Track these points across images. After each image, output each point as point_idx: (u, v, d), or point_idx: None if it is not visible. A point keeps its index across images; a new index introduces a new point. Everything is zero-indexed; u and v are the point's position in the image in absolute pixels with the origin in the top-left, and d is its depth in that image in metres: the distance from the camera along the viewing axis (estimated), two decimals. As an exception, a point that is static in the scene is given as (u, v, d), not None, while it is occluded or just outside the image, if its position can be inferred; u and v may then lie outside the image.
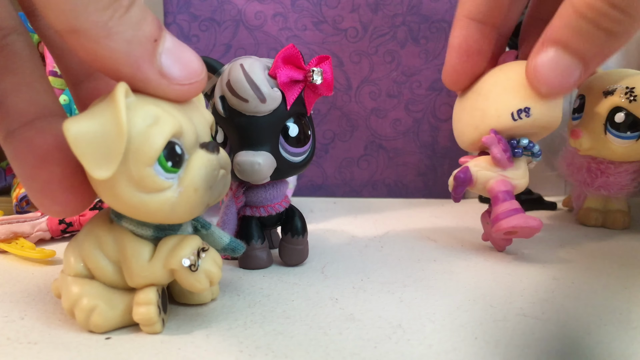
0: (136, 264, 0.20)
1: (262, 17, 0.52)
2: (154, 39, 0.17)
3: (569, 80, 0.27)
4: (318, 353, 0.19)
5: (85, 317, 0.20)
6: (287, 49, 0.26)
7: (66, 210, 0.19)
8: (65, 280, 0.21)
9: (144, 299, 0.20)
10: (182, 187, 0.18)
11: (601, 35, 0.25)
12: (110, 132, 0.17)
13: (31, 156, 0.19)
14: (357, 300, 0.24)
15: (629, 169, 0.40)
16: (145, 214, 0.18)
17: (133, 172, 0.17)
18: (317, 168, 0.56)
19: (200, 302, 0.23)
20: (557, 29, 0.26)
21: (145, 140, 0.17)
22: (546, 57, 0.27)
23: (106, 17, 0.16)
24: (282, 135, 0.27)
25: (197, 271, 0.20)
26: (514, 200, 0.31)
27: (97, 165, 0.17)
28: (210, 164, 0.19)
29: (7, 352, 0.19)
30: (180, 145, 0.18)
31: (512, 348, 0.19)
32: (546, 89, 0.28)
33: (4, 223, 0.32)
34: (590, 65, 0.26)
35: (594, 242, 0.37)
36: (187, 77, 0.18)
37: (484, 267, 0.30)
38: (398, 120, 0.55)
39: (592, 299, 0.25)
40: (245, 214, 0.29)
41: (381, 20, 0.53)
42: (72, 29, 0.16)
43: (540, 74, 0.27)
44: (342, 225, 0.41)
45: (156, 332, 0.20)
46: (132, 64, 0.17)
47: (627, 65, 0.52)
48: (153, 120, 0.18)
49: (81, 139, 0.16)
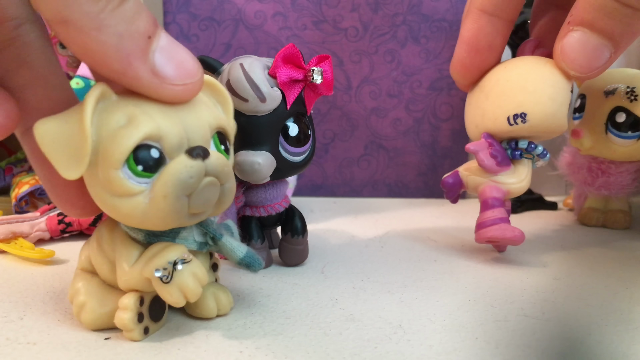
0: (120, 267, 0.19)
1: (262, 17, 0.52)
2: (148, 36, 0.17)
3: (599, 61, 0.26)
4: (318, 353, 0.19)
5: (77, 311, 0.20)
6: (287, 48, 0.26)
7: (85, 212, 0.20)
8: (75, 273, 0.21)
9: (123, 304, 0.19)
10: (152, 193, 0.18)
11: (628, 12, 0.24)
12: (75, 133, 0.17)
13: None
14: (357, 300, 0.24)
15: (630, 169, 0.40)
16: (120, 217, 0.18)
17: (102, 174, 0.17)
18: (317, 168, 0.55)
19: (206, 316, 0.22)
20: (582, 9, 0.25)
21: (112, 142, 0.17)
22: (573, 39, 0.26)
23: (98, 8, 0.16)
24: (282, 135, 0.27)
25: (170, 284, 0.19)
26: (501, 208, 0.30)
27: (64, 165, 0.17)
28: (188, 171, 0.18)
29: (6, 353, 0.18)
30: (159, 149, 0.18)
31: (512, 348, 0.19)
32: (576, 71, 0.27)
33: (3, 223, 0.32)
34: (620, 44, 0.26)
35: (594, 242, 0.37)
36: (181, 78, 0.17)
37: (485, 267, 0.30)
38: (398, 119, 0.55)
39: (593, 299, 0.25)
40: (245, 214, 0.29)
41: (381, 20, 0.53)
42: (62, 19, 0.15)
43: (567, 56, 0.27)
44: (342, 225, 0.41)
45: (134, 340, 0.20)
46: (123, 60, 0.16)
47: (628, 65, 0.52)
48: (126, 121, 0.17)
49: (47, 138, 0.17)
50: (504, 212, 0.30)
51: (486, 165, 0.30)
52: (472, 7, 0.30)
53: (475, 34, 0.30)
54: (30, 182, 0.40)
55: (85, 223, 0.35)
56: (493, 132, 0.31)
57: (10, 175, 0.44)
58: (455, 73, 0.32)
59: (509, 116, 0.29)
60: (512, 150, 0.31)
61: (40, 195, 0.41)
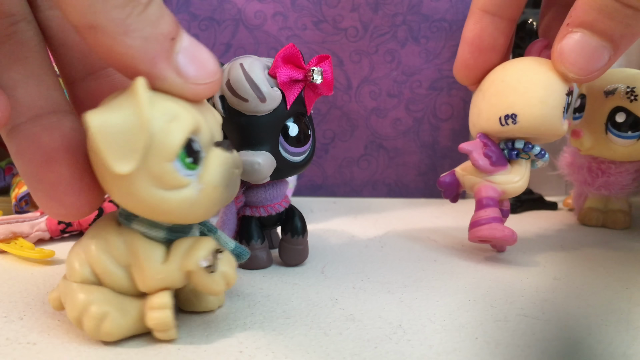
0: (150, 266, 0.19)
1: (261, 17, 0.52)
2: (172, 37, 0.17)
3: (599, 63, 0.26)
4: (318, 353, 0.19)
5: (95, 325, 0.19)
6: (287, 48, 0.26)
7: (73, 213, 0.19)
8: (69, 288, 0.19)
9: (158, 303, 0.19)
10: (201, 185, 0.18)
11: (629, 12, 0.24)
12: (132, 126, 0.16)
13: (37, 155, 0.18)
14: (357, 300, 0.24)
15: (630, 169, 0.40)
16: (164, 213, 0.18)
17: (154, 167, 0.17)
18: (317, 168, 0.55)
19: (206, 310, 0.22)
20: (581, 10, 0.25)
21: (166, 136, 0.17)
22: (572, 41, 0.26)
23: (124, 14, 0.16)
24: (282, 135, 0.27)
25: (214, 273, 0.19)
26: (495, 208, 0.30)
27: (118, 159, 0.16)
28: (227, 162, 0.19)
29: (6, 353, 0.18)
30: (197, 142, 0.18)
31: (512, 348, 0.19)
32: (575, 74, 0.26)
33: (3, 223, 0.32)
34: (620, 46, 0.25)
35: (594, 242, 0.37)
36: (203, 77, 0.18)
37: (485, 267, 0.30)
38: (398, 119, 0.55)
39: (593, 299, 0.25)
40: (245, 214, 0.29)
41: (381, 20, 0.53)
42: (90, 25, 0.16)
43: (566, 58, 0.26)
44: (342, 225, 0.41)
45: (171, 338, 0.19)
46: (149, 62, 0.17)
47: (628, 65, 0.52)
48: (172, 116, 0.17)
49: (104, 131, 0.16)
50: (498, 212, 0.30)
51: (480, 165, 0.30)
52: (474, 7, 0.30)
53: (478, 34, 0.30)
54: (30, 182, 0.40)
55: (85, 223, 0.35)
56: (487, 131, 0.31)
57: (10, 175, 0.44)
58: (459, 74, 0.32)
59: (501, 116, 0.29)
60: (509, 150, 0.30)
61: (40, 195, 0.41)
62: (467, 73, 0.31)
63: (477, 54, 0.30)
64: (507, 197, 0.32)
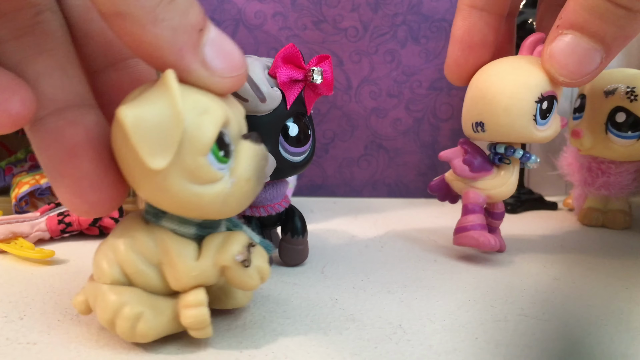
0: (183, 263, 0.18)
1: (261, 17, 0.52)
2: (200, 29, 0.17)
3: (590, 66, 0.25)
4: (318, 353, 0.19)
5: (130, 327, 0.18)
6: (286, 48, 0.26)
7: (96, 209, 0.18)
8: (99, 290, 0.19)
9: (193, 301, 0.18)
10: (234, 178, 0.18)
11: (621, 13, 0.23)
12: (166, 120, 0.16)
13: (60, 149, 0.17)
14: (357, 300, 0.24)
15: (630, 169, 0.40)
16: (197, 208, 0.17)
17: (187, 162, 0.17)
18: (317, 168, 0.55)
19: (236, 307, 0.22)
20: (572, 12, 0.24)
21: (198, 129, 0.17)
22: (563, 43, 0.25)
23: (154, 2, 0.16)
24: (282, 135, 0.27)
25: (249, 267, 0.19)
26: (479, 214, 0.30)
27: (153, 154, 0.16)
28: (258, 155, 0.19)
29: (6, 353, 0.18)
30: (228, 135, 0.18)
31: (512, 348, 0.19)
32: (565, 77, 0.26)
33: (3, 223, 0.32)
34: (613, 48, 0.24)
35: (594, 242, 0.37)
36: (229, 70, 0.18)
37: (484, 267, 0.30)
38: (398, 119, 0.55)
39: (593, 299, 0.25)
40: (245, 214, 0.29)
41: (381, 20, 0.53)
42: (119, 13, 0.15)
43: (557, 61, 0.25)
44: (342, 225, 0.41)
45: (207, 336, 0.19)
46: (176, 53, 0.16)
47: (627, 65, 0.52)
48: (203, 109, 0.17)
49: (139, 126, 0.15)
50: (482, 219, 0.30)
51: (459, 173, 0.30)
52: (462, 4, 0.30)
53: (468, 30, 0.29)
54: (30, 182, 0.40)
55: (85, 223, 0.35)
56: (467, 135, 0.31)
57: (10, 175, 0.44)
58: (451, 74, 0.31)
59: (472, 123, 0.29)
60: (493, 155, 0.30)
61: (40, 195, 0.41)
62: (459, 72, 0.31)
63: (467, 52, 0.30)
64: (493, 202, 0.31)
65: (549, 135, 0.29)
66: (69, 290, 0.25)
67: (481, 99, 0.28)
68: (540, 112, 0.28)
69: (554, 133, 0.29)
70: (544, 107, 0.28)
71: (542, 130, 0.28)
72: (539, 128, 0.28)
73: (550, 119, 0.28)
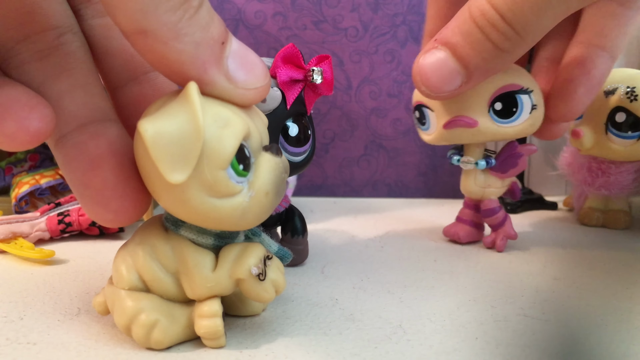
0: (200, 274, 0.19)
1: (261, 17, 0.52)
2: (222, 41, 0.17)
3: (450, 86, 0.26)
4: (318, 353, 0.19)
5: (145, 333, 0.18)
6: (287, 48, 0.26)
7: (119, 218, 0.18)
8: (118, 294, 0.19)
9: (208, 312, 0.19)
10: (253, 191, 0.18)
11: (489, 47, 0.24)
12: (187, 134, 0.16)
13: (84, 161, 0.18)
14: (357, 300, 0.24)
15: (630, 169, 0.40)
16: (215, 221, 0.17)
17: (207, 175, 0.16)
18: (317, 168, 0.55)
19: (251, 314, 0.22)
20: (450, 30, 0.25)
21: (219, 143, 0.16)
22: (434, 57, 0.26)
23: (176, 18, 0.16)
24: (282, 135, 0.27)
25: (264, 280, 0.19)
26: (464, 209, 0.36)
27: (173, 168, 0.16)
28: (277, 167, 0.19)
29: (6, 353, 0.18)
30: (247, 148, 0.18)
31: (512, 348, 0.19)
32: (426, 88, 0.27)
33: (3, 223, 0.32)
34: (472, 76, 0.26)
35: (594, 242, 0.37)
36: (252, 82, 0.18)
37: (484, 267, 0.30)
38: (398, 119, 0.55)
39: (593, 299, 0.25)
40: (245, 213, 0.29)
41: (381, 20, 0.53)
42: (141, 30, 0.15)
43: (423, 72, 0.26)
44: (342, 225, 0.41)
45: (221, 346, 0.19)
46: (199, 67, 0.16)
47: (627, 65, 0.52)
48: (224, 122, 0.17)
49: (159, 140, 0.15)
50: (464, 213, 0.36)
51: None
52: (425, 34, 0.32)
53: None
54: (30, 182, 0.40)
55: (85, 223, 0.35)
56: None
57: (10, 175, 0.44)
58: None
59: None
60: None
61: (40, 195, 0.41)
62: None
63: None
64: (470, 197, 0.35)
65: (431, 140, 0.33)
66: (69, 290, 0.25)
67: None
68: (416, 120, 0.34)
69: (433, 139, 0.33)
70: (417, 115, 0.33)
71: (427, 134, 0.33)
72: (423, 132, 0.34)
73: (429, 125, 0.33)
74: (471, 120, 0.30)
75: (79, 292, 0.25)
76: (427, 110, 0.32)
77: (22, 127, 0.16)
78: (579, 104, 0.30)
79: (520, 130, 0.30)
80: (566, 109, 0.30)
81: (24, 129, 0.16)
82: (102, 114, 0.19)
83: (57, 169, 0.42)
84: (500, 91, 0.29)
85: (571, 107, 0.30)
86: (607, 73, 0.29)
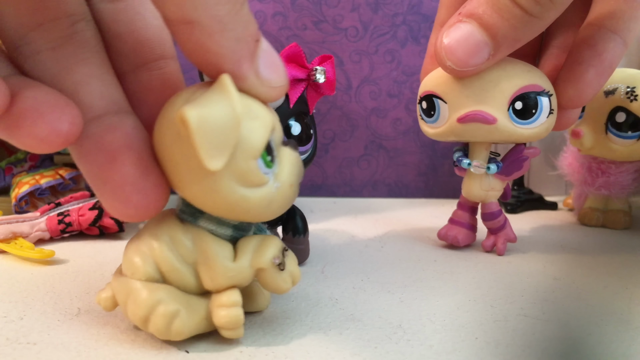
0: (221, 264, 0.19)
1: (262, 17, 0.52)
2: (256, 40, 0.17)
3: (477, 59, 0.25)
4: (318, 353, 0.19)
5: (166, 324, 0.18)
6: (290, 47, 0.26)
7: (140, 213, 0.18)
8: (131, 286, 0.18)
9: (227, 301, 0.19)
10: (278, 183, 0.18)
11: (518, 13, 0.23)
12: (227, 122, 0.16)
13: (100, 155, 0.18)
14: (357, 300, 0.24)
15: (630, 169, 0.40)
16: (243, 210, 0.18)
17: (240, 164, 0.17)
18: (317, 168, 0.55)
19: (257, 310, 0.22)
20: (475, 1, 0.25)
21: (252, 133, 0.17)
22: (459, 30, 0.25)
23: (224, 11, 0.16)
24: (285, 134, 0.27)
25: (284, 271, 0.19)
26: (458, 211, 0.35)
27: (212, 155, 0.16)
28: (298, 162, 0.20)
29: (6, 353, 0.18)
30: (273, 141, 0.18)
31: (512, 348, 0.19)
32: (452, 63, 0.26)
33: (3, 223, 0.32)
34: (500, 47, 0.25)
35: (594, 242, 0.37)
36: (277, 81, 0.18)
37: (484, 267, 0.30)
38: (398, 119, 0.55)
39: (593, 299, 0.25)
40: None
41: (381, 20, 0.53)
42: (188, 20, 0.16)
43: (447, 47, 0.26)
44: (342, 225, 0.41)
45: (239, 336, 0.19)
46: (235, 62, 0.17)
47: (627, 65, 0.52)
48: (255, 114, 0.17)
49: (203, 126, 0.16)
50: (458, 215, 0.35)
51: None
52: (435, 23, 0.31)
53: None
54: (30, 182, 0.40)
55: (85, 223, 0.35)
56: None
57: (10, 175, 0.44)
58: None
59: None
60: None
61: (40, 195, 0.41)
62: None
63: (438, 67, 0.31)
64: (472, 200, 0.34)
65: (437, 133, 0.31)
66: (69, 290, 0.25)
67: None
68: (422, 112, 0.31)
69: (439, 132, 0.31)
70: (424, 106, 0.31)
71: (432, 127, 0.31)
72: (429, 125, 0.31)
73: (438, 117, 0.30)
74: (490, 116, 0.27)
75: (79, 292, 0.25)
76: (438, 101, 0.29)
77: (54, 130, 0.16)
78: (589, 88, 0.27)
79: (536, 133, 0.29)
80: (575, 93, 0.28)
81: (56, 131, 0.16)
82: (117, 105, 0.19)
83: (57, 169, 0.42)
84: (522, 90, 0.27)
85: (581, 91, 0.28)
86: (618, 58, 0.28)
